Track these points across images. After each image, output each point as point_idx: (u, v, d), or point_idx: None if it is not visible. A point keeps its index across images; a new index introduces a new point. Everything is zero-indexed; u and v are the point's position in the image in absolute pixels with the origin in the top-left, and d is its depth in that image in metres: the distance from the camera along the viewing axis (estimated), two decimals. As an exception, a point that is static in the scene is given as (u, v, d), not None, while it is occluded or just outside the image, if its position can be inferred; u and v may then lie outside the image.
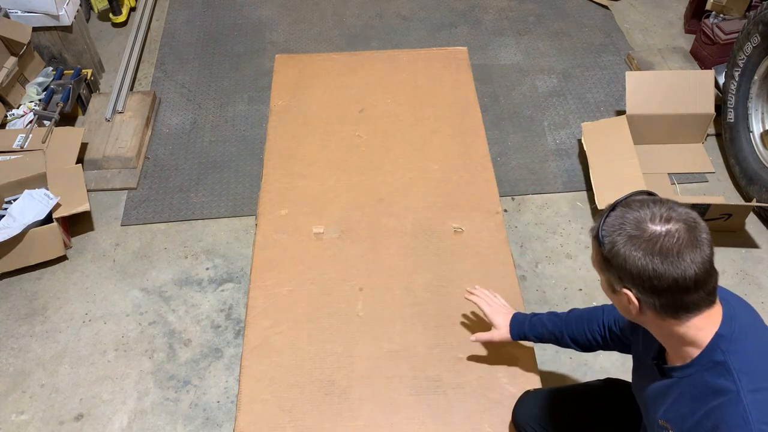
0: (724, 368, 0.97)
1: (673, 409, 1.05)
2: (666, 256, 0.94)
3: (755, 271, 2.37)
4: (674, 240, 0.94)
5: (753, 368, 0.97)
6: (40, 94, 2.89)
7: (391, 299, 1.74)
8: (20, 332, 2.24)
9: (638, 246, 0.95)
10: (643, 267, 0.95)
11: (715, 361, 0.99)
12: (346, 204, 1.97)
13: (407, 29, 3.50)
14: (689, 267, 0.94)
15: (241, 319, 2.23)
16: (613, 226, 0.99)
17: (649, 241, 0.95)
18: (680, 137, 2.76)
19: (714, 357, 0.99)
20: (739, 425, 0.92)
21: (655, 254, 0.94)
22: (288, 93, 2.34)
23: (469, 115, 2.23)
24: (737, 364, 0.97)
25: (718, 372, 0.98)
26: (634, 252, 0.96)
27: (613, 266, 0.99)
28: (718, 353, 0.99)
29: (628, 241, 0.96)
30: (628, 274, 0.98)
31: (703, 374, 1.00)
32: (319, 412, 1.52)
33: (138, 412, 2.02)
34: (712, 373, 0.99)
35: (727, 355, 0.98)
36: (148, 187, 2.71)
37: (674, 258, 0.94)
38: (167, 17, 3.63)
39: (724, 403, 0.95)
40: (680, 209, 0.99)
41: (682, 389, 1.04)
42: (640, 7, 3.62)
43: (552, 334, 1.47)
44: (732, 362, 0.97)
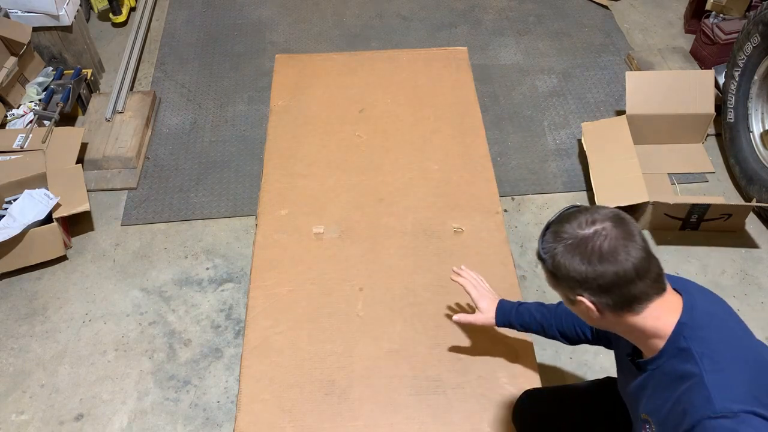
0: (687, 354, 1.02)
1: (650, 402, 1.09)
2: (601, 255, 0.99)
3: (755, 271, 2.37)
4: (604, 238, 0.99)
5: (714, 351, 1.01)
6: (40, 94, 2.89)
7: (391, 299, 1.74)
8: (20, 332, 2.24)
9: (574, 253, 1.01)
10: (585, 270, 1.00)
11: (679, 348, 1.03)
12: (346, 204, 1.97)
13: (407, 29, 3.50)
14: (626, 259, 0.99)
15: (241, 319, 2.23)
16: (549, 242, 1.05)
17: (581, 245, 1.00)
18: (680, 137, 2.76)
19: (678, 344, 1.03)
20: (703, 405, 0.96)
21: (591, 255, 1.00)
22: (288, 93, 2.34)
23: (469, 115, 2.23)
24: (699, 348, 1.01)
25: (683, 358, 1.02)
26: (572, 259, 1.01)
27: (560, 278, 1.04)
28: (681, 340, 1.03)
29: (564, 252, 1.02)
30: (575, 282, 1.02)
31: (670, 362, 1.05)
32: (319, 412, 1.52)
33: (138, 412, 2.02)
34: (678, 359, 1.03)
35: (690, 341, 1.02)
36: (148, 187, 2.71)
37: (609, 254, 0.99)
38: (167, 17, 3.63)
39: (689, 386, 0.99)
40: (603, 210, 1.04)
41: (656, 380, 1.08)
42: (640, 7, 3.62)
43: (540, 325, 1.48)
44: (694, 347, 1.01)
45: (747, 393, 0.96)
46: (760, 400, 0.96)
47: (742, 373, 0.99)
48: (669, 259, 2.40)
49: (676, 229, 2.48)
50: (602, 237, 0.99)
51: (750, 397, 0.96)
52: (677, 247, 2.44)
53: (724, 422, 0.93)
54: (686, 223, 2.45)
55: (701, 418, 0.95)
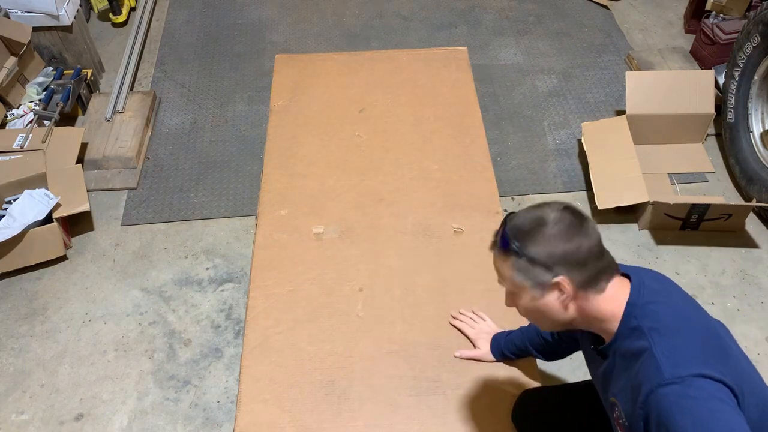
0: (639, 331, 1.06)
1: (616, 385, 1.12)
2: (576, 229, 1.06)
3: (755, 271, 2.37)
4: (569, 219, 1.06)
5: (662, 323, 1.05)
6: (40, 94, 2.89)
7: (391, 299, 1.74)
8: (20, 332, 2.24)
9: (552, 232, 1.05)
10: (565, 245, 1.05)
11: (631, 328, 1.07)
12: (346, 204, 1.97)
13: (407, 29, 3.50)
14: (593, 234, 1.07)
15: (241, 319, 2.23)
16: (518, 232, 1.08)
17: (556, 224, 1.06)
18: (680, 137, 2.76)
19: (630, 324, 1.08)
20: (654, 375, 1.00)
21: (567, 231, 1.05)
22: (288, 93, 2.34)
23: (469, 115, 2.23)
24: (648, 324, 1.06)
25: (635, 336, 1.06)
26: (551, 237, 1.05)
27: (538, 263, 1.06)
28: (632, 320, 1.07)
29: (539, 233, 1.06)
30: (554, 259, 1.05)
31: (625, 343, 1.09)
32: (319, 412, 1.52)
33: (138, 412, 2.02)
34: (631, 338, 1.07)
35: (640, 319, 1.07)
36: (148, 187, 2.71)
37: (580, 229, 1.06)
38: (167, 17, 3.63)
39: (642, 361, 1.03)
40: (551, 203, 1.10)
41: (617, 363, 1.12)
42: (640, 7, 3.62)
43: (521, 350, 1.56)
44: (644, 324, 1.06)
45: (694, 358, 1.00)
46: (706, 363, 0.99)
47: (689, 339, 1.04)
48: (669, 259, 2.40)
49: (676, 229, 2.48)
50: (569, 218, 1.06)
51: (697, 361, 1.00)
52: (677, 247, 2.44)
53: (673, 388, 0.97)
54: (686, 223, 2.45)
55: (653, 388, 0.99)
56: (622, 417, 1.09)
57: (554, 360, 1.57)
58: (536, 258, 1.06)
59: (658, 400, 0.98)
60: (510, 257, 1.09)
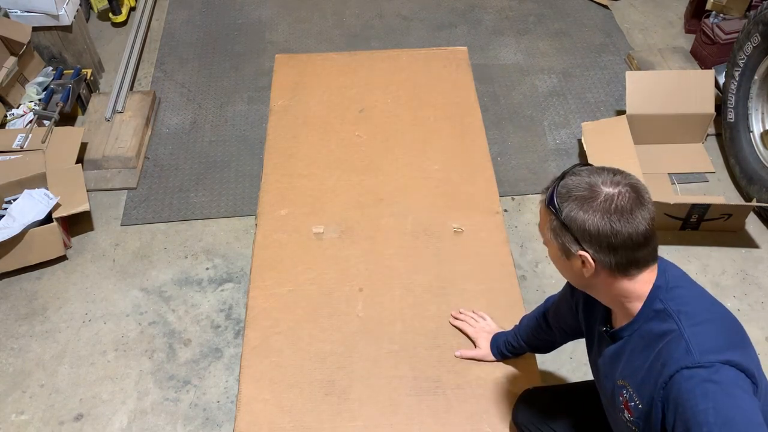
0: (664, 314, 1.05)
1: (627, 366, 1.11)
2: (621, 215, 1.01)
3: (755, 271, 2.37)
4: (625, 200, 1.01)
5: (690, 308, 1.05)
6: (40, 93, 2.89)
7: (391, 299, 1.74)
8: (20, 332, 2.24)
9: (595, 208, 1.02)
10: (602, 226, 1.01)
11: (656, 310, 1.07)
12: (346, 204, 1.97)
13: (407, 29, 3.50)
14: (640, 223, 1.01)
15: (241, 319, 2.23)
16: (567, 192, 1.05)
17: (604, 202, 1.01)
18: (680, 137, 2.75)
19: (654, 307, 1.07)
20: (683, 356, 0.99)
21: (611, 213, 1.01)
22: (288, 93, 2.34)
23: (469, 115, 2.23)
24: (675, 307, 1.05)
25: (660, 319, 1.06)
26: (592, 213, 1.02)
27: (570, 230, 1.04)
28: (657, 303, 1.07)
29: (584, 204, 1.02)
30: (586, 235, 1.03)
31: (648, 325, 1.08)
32: (319, 412, 1.52)
33: (138, 412, 2.02)
34: (656, 321, 1.06)
35: (666, 302, 1.06)
36: (148, 187, 2.71)
37: (628, 216, 1.01)
38: (167, 17, 3.63)
39: (668, 342, 1.03)
40: (625, 173, 1.06)
41: (633, 345, 1.11)
42: (640, 6, 3.62)
43: (516, 347, 1.57)
44: (670, 307, 1.05)
45: (721, 344, 1.01)
46: (732, 350, 1.00)
47: (715, 326, 1.04)
48: (669, 259, 2.39)
49: (676, 229, 2.48)
50: (624, 197, 1.01)
51: (724, 348, 1.00)
52: (677, 247, 2.44)
53: (699, 371, 0.97)
54: (686, 223, 2.45)
55: (679, 368, 0.99)
56: (634, 399, 1.08)
57: (547, 352, 1.59)
58: (570, 226, 1.04)
59: (683, 382, 0.98)
60: (550, 213, 1.08)
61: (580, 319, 1.33)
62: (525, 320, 1.57)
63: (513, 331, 1.59)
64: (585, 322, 1.31)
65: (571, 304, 1.36)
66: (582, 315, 1.31)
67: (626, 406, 1.11)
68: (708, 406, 0.94)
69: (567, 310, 1.39)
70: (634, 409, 1.09)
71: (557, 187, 1.06)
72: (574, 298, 1.35)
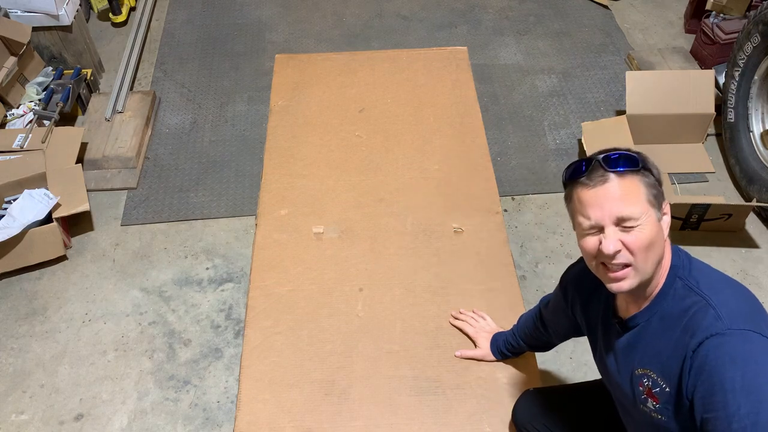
0: (686, 290, 1.05)
1: (647, 352, 1.10)
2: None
3: (755, 271, 2.37)
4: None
5: (710, 280, 1.06)
6: (40, 93, 2.89)
7: (391, 299, 1.74)
8: (20, 332, 2.24)
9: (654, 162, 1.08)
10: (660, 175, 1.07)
11: (676, 288, 1.07)
12: (346, 204, 1.97)
13: (407, 29, 3.50)
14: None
15: (241, 319, 2.23)
16: (640, 156, 1.05)
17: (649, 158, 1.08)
18: (680, 137, 2.75)
19: (675, 285, 1.07)
20: (713, 323, 0.99)
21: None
22: (288, 93, 2.34)
23: (469, 115, 2.23)
24: (696, 281, 1.06)
25: (682, 295, 1.06)
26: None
27: (659, 181, 1.06)
28: (677, 281, 1.07)
29: (651, 160, 1.07)
30: (660, 180, 1.07)
31: (669, 304, 1.07)
32: (319, 412, 1.52)
33: (138, 412, 2.02)
34: (678, 298, 1.06)
35: (686, 279, 1.07)
36: (148, 187, 2.71)
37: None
38: (167, 17, 3.63)
39: (695, 312, 1.02)
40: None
41: (651, 330, 1.09)
42: (640, 6, 3.62)
43: (516, 347, 1.57)
44: (691, 283, 1.06)
45: (747, 315, 1.00)
46: (757, 323, 0.99)
47: (738, 296, 1.04)
48: (669, 259, 2.40)
49: (676, 229, 2.48)
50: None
51: (750, 319, 0.99)
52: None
53: (730, 339, 0.96)
54: (686, 223, 2.45)
55: (710, 334, 0.97)
56: (659, 383, 1.07)
57: (546, 351, 1.59)
58: (658, 177, 1.06)
59: (711, 348, 0.97)
60: (639, 175, 1.03)
61: (579, 320, 1.32)
62: (522, 320, 1.58)
63: (511, 330, 1.59)
64: (586, 322, 1.29)
65: (564, 307, 1.35)
66: (581, 316, 1.30)
67: (650, 394, 1.09)
68: (736, 373, 0.93)
69: (561, 314, 1.38)
70: (660, 395, 1.07)
71: (628, 153, 1.04)
72: (568, 302, 1.34)
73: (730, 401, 0.92)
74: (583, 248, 1.08)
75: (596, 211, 1.02)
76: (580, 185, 1.05)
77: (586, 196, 1.03)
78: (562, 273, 1.37)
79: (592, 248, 1.05)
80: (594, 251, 1.05)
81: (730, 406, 0.92)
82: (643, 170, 1.04)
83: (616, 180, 1.02)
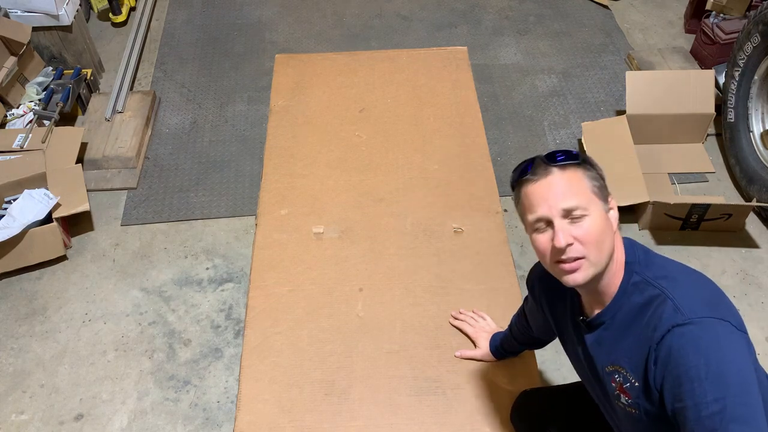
0: (644, 284, 1.06)
1: (614, 349, 1.11)
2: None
3: (755, 271, 2.37)
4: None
5: (667, 272, 1.07)
6: (40, 93, 2.89)
7: (391, 300, 1.74)
8: (20, 332, 2.24)
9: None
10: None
11: (635, 284, 1.07)
12: (346, 204, 1.97)
13: (407, 29, 3.50)
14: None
15: (241, 319, 2.23)
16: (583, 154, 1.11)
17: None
18: (680, 137, 2.75)
19: (632, 281, 1.08)
20: (672, 315, 1.00)
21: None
22: (288, 93, 2.34)
23: (469, 115, 2.23)
24: (652, 274, 1.07)
25: (641, 289, 1.06)
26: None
27: (603, 177, 1.10)
28: (634, 276, 1.08)
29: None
30: (604, 177, 1.11)
31: (629, 300, 1.08)
32: (319, 412, 1.52)
33: (138, 412, 2.02)
34: (637, 293, 1.07)
35: (642, 273, 1.08)
36: (148, 187, 2.71)
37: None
38: (167, 17, 3.63)
39: (656, 307, 1.03)
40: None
41: (616, 326, 1.10)
42: (640, 6, 3.62)
43: (512, 346, 1.57)
44: (648, 276, 1.07)
45: (708, 301, 1.02)
46: (718, 310, 1.00)
47: (696, 285, 1.05)
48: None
49: (676, 229, 2.48)
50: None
51: (711, 306, 1.01)
52: (677, 247, 2.44)
53: (691, 328, 0.97)
54: (686, 223, 2.45)
55: (670, 327, 0.99)
56: (629, 379, 1.08)
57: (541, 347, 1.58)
58: (599, 171, 1.10)
59: (674, 339, 0.98)
60: (584, 169, 1.08)
61: (549, 319, 1.32)
62: (513, 319, 1.57)
63: (507, 330, 1.59)
64: (554, 322, 1.30)
65: (535, 306, 1.36)
66: (549, 315, 1.30)
67: (621, 390, 1.10)
68: (699, 361, 0.94)
69: (537, 312, 1.38)
70: (631, 390, 1.08)
71: (568, 150, 1.09)
72: (537, 301, 1.34)
73: (697, 389, 0.93)
74: (536, 247, 1.09)
75: (542, 204, 1.05)
76: (525, 182, 1.09)
77: (531, 191, 1.07)
78: (527, 274, 1.37)
79: (545, 245, 1.07)
80: (547, 248, 1.07)
81: (697, 394, 0.93)
82: (585, 164, 1.09)
83: (558, 172, 1.06)
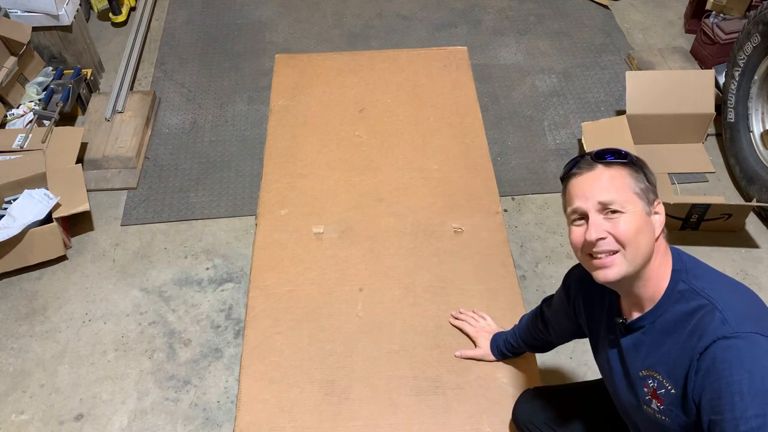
0: (691, 293, 1.06)
1: (652, 354, 1.10)
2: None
3: (755, 271, 2.37)
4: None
5: (714, 284, 1.06)
6: (40, 93, 2.89)
7: (391, 299, 1.74)
8: (20, 332, 2.24)
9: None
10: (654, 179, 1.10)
11: (680, 291, 1.07)
12: (346, 204, 1.97)
13: (407, 29, 3.50)
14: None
15: (241, 319, 2.23)
16: (630, 154, 1.11)
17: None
18: (680, 137, 2.75)
19: (678, 288, 1.07)
20: (719, 327, 0.99)
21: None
22: (288, 93, 2.34)
23: (469, 115, 2.23)
24: (700, 285, 1.06)
25: (687, 298, 1.06)
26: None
27: (649, 180, 1.08)
28: (680, 284, 1.07)
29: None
30: (654, 184, 1.09)
31: (674, 308, 1.07)
32: (319, 412, 1.52)
33: (138, 412, 2.02)
34: (683, 302, 1.06)
35: (689, 282, 1.07)
36: (148, 187, 2.71)
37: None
38: (167, 17, 3.63)
39: (702, 316, 1.02)
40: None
41: (657, 331, 1.10)
42: (640, 6, 3.62)
43: (516, 347, 1.57)
44: (695, 286, 1.06)
45: (754, 318, 1.01)
46: (763, 326, 1.00)
47: (744, 299, 1.05)
48: (669, 259, 2.40)
49: (676, 229, 2.48)
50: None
51: (757, 322, 1.00)
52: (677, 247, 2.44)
53: (737, 342, 0.97)
54: (686, 223, 2.45)
55: (716, 338, 0.98)
56: (664, 385, 1.07)
57: (546, 351, 1.59)
58: (648, 175, 1.09)
59: (719, 352, 0.97)
60: (630, 168, 1.08)
61: (581, 321, 1.32)
62: (524, 320, 1.58)
63: (512, 330, 1.59)
64: (588, 323, 1.29)
65: (567, 308, 1.36)
66: (584, 316, 1.30)
67: (654, 395, 1.10)
68: (743, 376, 0.94)
69: (563, 314, 1.38)
70: (665, 396, 1.07)
71: (615, 148, 1.09)
72: (570, 302, 1.34)
73: (738, 404, 0.93)
74: (571, 240, 1.11)
75: (580, 197, 1.09)
76: (571, 176, 1.12)
77: (574, 184, 1.11)
78: (566, 273, 1.37)
79: (578, 238, 1.09)
80: (579, 241, 1.09)
81: (737, 408, 0.93)
82: (633, 164, 1.08)
83: (602, 169, 1.09)
